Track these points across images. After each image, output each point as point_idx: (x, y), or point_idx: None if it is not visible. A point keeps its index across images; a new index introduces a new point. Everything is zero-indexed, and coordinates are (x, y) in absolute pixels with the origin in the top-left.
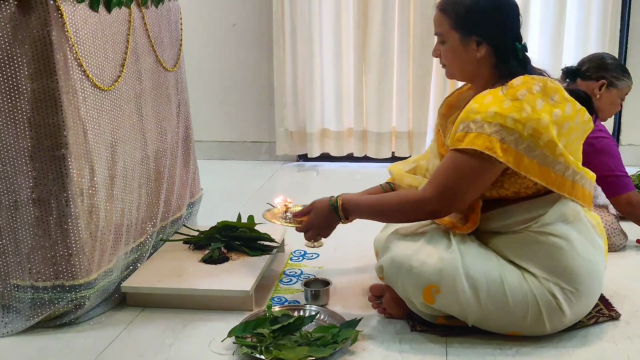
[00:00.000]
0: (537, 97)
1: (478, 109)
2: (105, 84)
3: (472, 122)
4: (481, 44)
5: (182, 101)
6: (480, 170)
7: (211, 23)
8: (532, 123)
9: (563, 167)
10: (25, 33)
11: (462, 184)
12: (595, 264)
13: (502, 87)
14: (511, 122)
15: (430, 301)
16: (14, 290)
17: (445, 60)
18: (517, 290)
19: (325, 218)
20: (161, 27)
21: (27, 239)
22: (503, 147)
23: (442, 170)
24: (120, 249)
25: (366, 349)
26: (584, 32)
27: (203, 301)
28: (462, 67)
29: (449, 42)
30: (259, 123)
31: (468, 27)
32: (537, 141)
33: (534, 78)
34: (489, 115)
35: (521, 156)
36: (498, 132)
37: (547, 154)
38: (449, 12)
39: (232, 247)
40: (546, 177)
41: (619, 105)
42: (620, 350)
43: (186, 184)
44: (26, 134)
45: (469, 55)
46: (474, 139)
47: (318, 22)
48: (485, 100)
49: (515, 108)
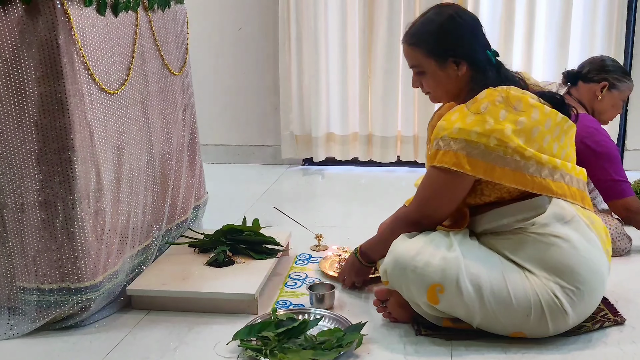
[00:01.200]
0: (499, 108)
1: (445, 126)
2: (111, 87)
3: (441, 140)
4: (459, 62)
5: (188, 105)
6: (452, 184)
7: (217, 27)
8: (496, 134)
9: (536, 168)
10: (33, 37)
11: (437, 198)
12: (596, 262)
13: (467, 103)
14: (475, 136)
15: (435, 301)
16: (20, 292)
17: (429, 87)
18: (520, 288)
19: (351, 265)
20: (167, 31)
21: (34, 242)
22: (471, 162)
23: (421, 185)
24: (126, 252)
25: (371, 353)
26: (590, 37)
27: (208, 304)
28: (446, 89)
29: (427, 71)
30: (265, 127)
31: (441, 51)
32: (505, 150)
33: (496, 90)
34: (454, 132)
35: (492, 166)
36: (464, 147)
37: (518, 159)
38: (417, 43)
39: (238, 250)
40: (522, 181)
41: (620, 108)
42: (626, 354)
43: (192, 187)
44: (33, 136)
45: (450, 76)
46: (443, 156)
47: (324, 26)
48: (452, 117)
49: (477, 122)
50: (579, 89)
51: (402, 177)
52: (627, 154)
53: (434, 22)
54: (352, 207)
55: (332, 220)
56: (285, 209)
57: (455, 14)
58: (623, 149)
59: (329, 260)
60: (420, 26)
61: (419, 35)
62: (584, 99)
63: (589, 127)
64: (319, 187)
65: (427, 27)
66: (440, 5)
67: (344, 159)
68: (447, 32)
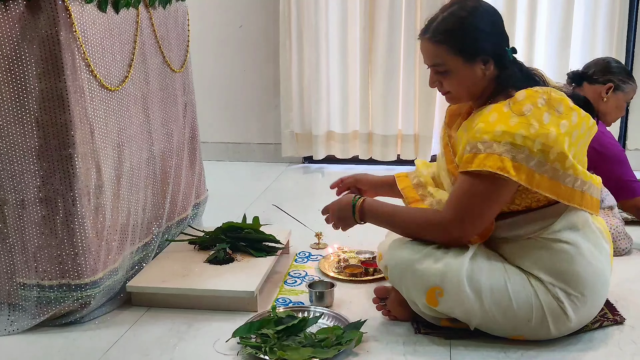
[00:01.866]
0: (542, 110)
1: (485, 129)
2: (112, 84)
3: (480, 143)
4: (487, 61)
5: (189, 102)
6: (496, 190)
7: (218, 25)
8: (541, 138)
9: (572, 179)
10: (34, 33)
11: (480, 206)
12: (602, 270)
13: (507, 103)
14: (520, 140)
15: (434, 304)
16: (20, 288)
17: (450, 87)
18: (522, 295)
19: (342, 210)
20: (168, 28)
21: (34, 238)
22: (515, 166)
23: (459, 194)
24: (126, 249)
25: (370, 351)
26: (591, 37)
27: (208, 301)
28: (471, 90)
29: (452, 69)
30: (265, 125)
31: (471, 49)
32: (547, 156)
33: (537, 91)
34: (497, 135)
35: (532, 172)
36: (508, 150)
37: (557, 168)
38: (444, 40)
39: (237, 248)
40: (556, 191)
41: (624, 109)
42: (625, 354)
43: (192, 184)
44: (34, 133)
45: (476, 76)
46: (484, 159)
47: (324, 24)
48: (491, 118)
49: (522, 124)
50: (583, 90)
51: None
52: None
53: (459, 17)
54: None
55: None
56: (285, 207)
57: (480, 7)
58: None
59: (328, 260)
60: (445, 21)
61: (445, 31)
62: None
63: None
64: (319, 186)
65: (452, 22)
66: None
67: (344, 158)
68: (475, 27)
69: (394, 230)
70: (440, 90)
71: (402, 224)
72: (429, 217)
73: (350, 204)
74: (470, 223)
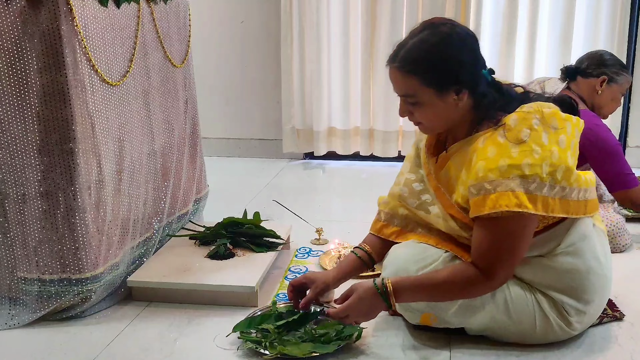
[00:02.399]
0: (540, 132)
1: (488, 166)
2: (113, 79)
3: (487, 182)
4: (461, 91)
5: (190, 97)
6: (520, 227)
7: (219, 20)
8: (547, 161)
9: (577, 191)
10: (35, 27)
11: (511, 247)
12: (608, 277)
13: (500, 132)
14: (528, 169)
15: (429, 324)
16: (21, 283)
17: (423, 119)
18: (525, 314)
19: (366, 305)
20: (170, 22)
21: (35, 232)
22: (530, 198)
23: (485, 243)
24: (127, 244)
25: (369, 346)
26: (593, 33)
27: (208, 296)
28: (444, 120)
29: (423, 101)
30: (266, 121)
31: (444, 80)
32: (555, 177)
33: (529, 112)
34: (504, 170)
35: (546, 199)
36: (520, 184)
37: (565, 185)
38: (414, 71)
39: (238, 243)
40: (567, 209)
41: (619, 102)
42: (625, 351)
43: (193, 180)
44: (35, 127)
45: (449, 107)
46: (498, 199)
47: (326, 20)
48: (489, 153)
49: (525, 153)
50: (578, 84)
51: None
52: (629, 151)
53: (431, 45)
54: (352, 202)
55: (333, 215)
56: (286, 202)
57: (453, 33)
58: (625, 146)
59: (329, 256)
60: (415, 49)
61: (415, 61)
62: (583, 94)
63: (590, 123)
64: (320, 182)
65: (423, 50)
66: (434, 23)
67: (345, 154)
68: (448, 56)
69: (434, 300)
70: (412, 120)
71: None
72: (465, 275)
73: (373, 291)
74: (508, 266)
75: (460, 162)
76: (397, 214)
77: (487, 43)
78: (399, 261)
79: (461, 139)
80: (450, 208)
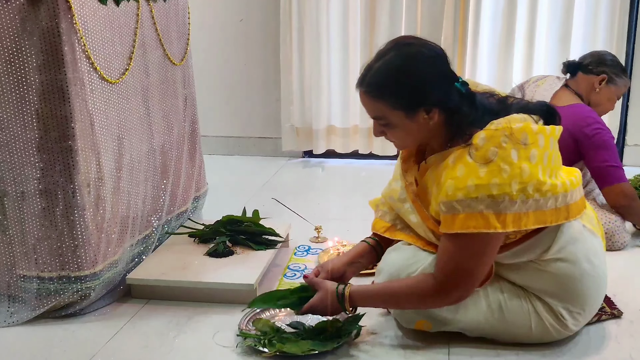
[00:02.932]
0: (508, 149)
1: (457, 185)
2: (112, 76)
3: (456, 202)
4: (431, 111)
5: (189, 96)
6: (485, 246)
7: (218, 18)
8: (516, 179)
9: (553, 200)
10: (34, 25)
11: (474, 265)
12: (602, 276)
13: (467, 151)
14: (496, 189)
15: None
16: (20, 280)
17: (395, 138)
18: (520, 319)
19: (330, 305)
20: (169, 21)
21: (34, 230)
22: (500, 218)
23: (448, 259)
24: (126, 241)
25: (369, 344)
26: (592, 32)
27: (207, 294)
28: (416, 138)
29: (394, 123)
30: (265, 119)
31: (411, 102)
32: (526, 193)
33: (497, 129)
34: (471, 190)
35: (518, 215)
36: (489, 205)
37: (538, 198)
38: (382, 95)
39: (237, 241)
40: (542, 219)
41: (614, 103)
42: (623, 348)
43: (192, 178)
44: (34, 125)
45: (420, 126)
46: (466, 220)
47: (325, 18)
48: (458, 172)
49: (493, 172)
50: (577, 80)
51: None
52: (628, 150)
53: (396, 68)
54: (352, 200)
55: (332, 213)
56: (285, 200)
57: (418, 53)
58: (623, 145)
59: (328, 253)
60: (381, 73)
61: (382, 86)
62: (581, 90)
63: (587, 117)
64: (319, 180)
65: (389, 74)
66: (400, 43)
67: (344, 152)
68: (414, 78)
69: (391, 307)
70: (387, 138)
71: (398, 300)
72: (424, 287)
73: (334, 294)
74: (466, 284)
75: (434, 176)
76: (391, 212)
77: (486, 42)
78: (392, 269)
79: (437, 150)
80: (427, 220)
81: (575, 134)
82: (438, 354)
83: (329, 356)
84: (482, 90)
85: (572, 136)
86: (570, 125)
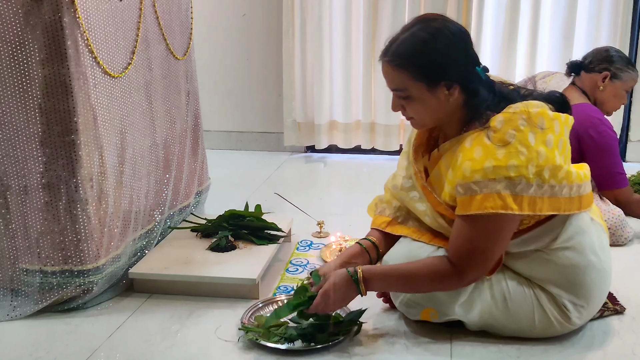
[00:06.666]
0: (526, 132)
1: (474, 167)
2: (115, 71)
3: (473, 183)
4: (452, 87)
5: (192, 90)
6: (501, 228)
7: (221, 13)
8: (533, 162)
9: (568, 188)
10: (37, 19)
11: (489, 247)
12: (607, 271)
13: (485, 133)
14: (514, 171)
15: (429, 320)
16: (22, 274)
17: (414, 113)
18: (524, 310)
19: (344, 290)
20: (172, 15)
21: (37, 224)
22: (516, 199)
23: (464, 240)
24: (129, 236)
25: (370, 339)
26: (595, 28)
27: (210, 289)
28: (435, 115)
29: (414, 95)
30: (267, 114)
31: (434, 75)
32: (542, 177)
33: (515, 112)
34: (489, 171)
35: (534, 199)
36: (506, 186)
37: (553, 184)
38: (404, 65)
39: (240, 235)
40: (556, 206)
41: (624, 98)
42: (626, 344)
43: (194, 172)
44: (37, 119)
45: (440, 101)
46: (483, 201)
47: (328, 13)
48: (475, 154)
49: (511, 154)
50: (581, 79)
51: None
52: (631, 145)
53: (421, 40)
54: (354, 195)
55: (334, 208)
56: (287, 195)
57: (444, 28)
58: (626, 140)
59: (330, 248)
60: (406, 44)
61: (406, 55)
62: (586, 89)
63: (593, 118)
64: (321, 175)
65: (414, 45)
66: (426, 19)
67: (346, 147)
68: (438, 51)
69: (404, 290)
70: (404, 114)
71: (413, 282)
72: (438, 269)
73: (350, 280)
74: (482, 265)
75: (449, 161)
76: (390, 205)
77: (489, 38)
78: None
79: (452, 137)
80: (439, 206)
81: (579, 134)
82: (440, 349)
83: (330, 351)
84: (497, 79)
85: (576, 135)
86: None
